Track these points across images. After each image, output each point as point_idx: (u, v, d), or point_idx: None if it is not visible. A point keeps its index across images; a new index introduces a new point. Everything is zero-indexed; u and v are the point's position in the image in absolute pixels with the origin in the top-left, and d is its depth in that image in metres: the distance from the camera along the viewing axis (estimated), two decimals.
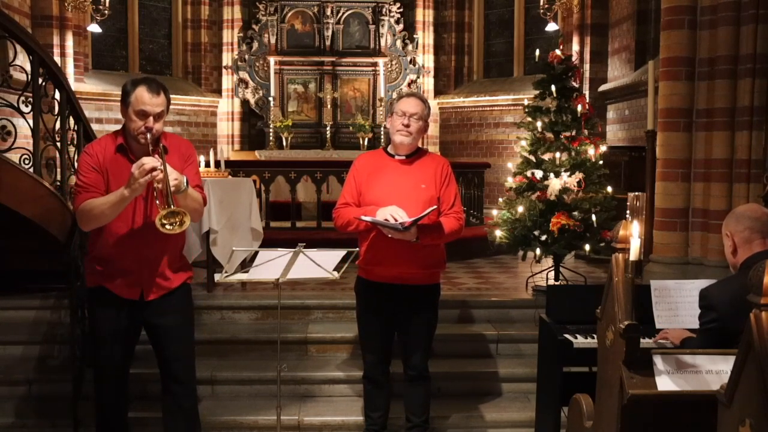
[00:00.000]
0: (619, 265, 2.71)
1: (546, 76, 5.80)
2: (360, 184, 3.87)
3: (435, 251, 3.87)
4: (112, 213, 3.26)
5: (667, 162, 5.62)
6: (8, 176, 4.56)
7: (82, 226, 3.43)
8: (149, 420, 4.11)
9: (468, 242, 7.61)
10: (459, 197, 3.98)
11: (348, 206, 3.86)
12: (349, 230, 3.82)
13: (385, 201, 3.70)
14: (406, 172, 3.84)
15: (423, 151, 3.98)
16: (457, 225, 3.84)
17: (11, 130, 4.85)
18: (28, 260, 5.44)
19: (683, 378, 2.60)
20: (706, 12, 5.38)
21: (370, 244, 3.78)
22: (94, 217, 3.28)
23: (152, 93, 3.29)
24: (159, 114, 3.31)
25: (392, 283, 3.81)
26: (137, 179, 3.13)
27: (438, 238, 3.79)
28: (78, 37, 9.70)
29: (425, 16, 11.88)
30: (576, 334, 3.71)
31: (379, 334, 3.95)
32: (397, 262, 3.75)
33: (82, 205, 3.29)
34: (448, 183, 3.89)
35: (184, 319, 3.57)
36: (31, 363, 4.87)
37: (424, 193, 3.79)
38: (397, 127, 3.82)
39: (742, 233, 3.00)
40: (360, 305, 4.03)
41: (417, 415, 4.02)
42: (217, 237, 5.45)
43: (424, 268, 3.84)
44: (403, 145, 3.84)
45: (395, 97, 4.08)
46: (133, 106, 3.28)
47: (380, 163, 3.90)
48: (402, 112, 3.81)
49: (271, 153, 10.75)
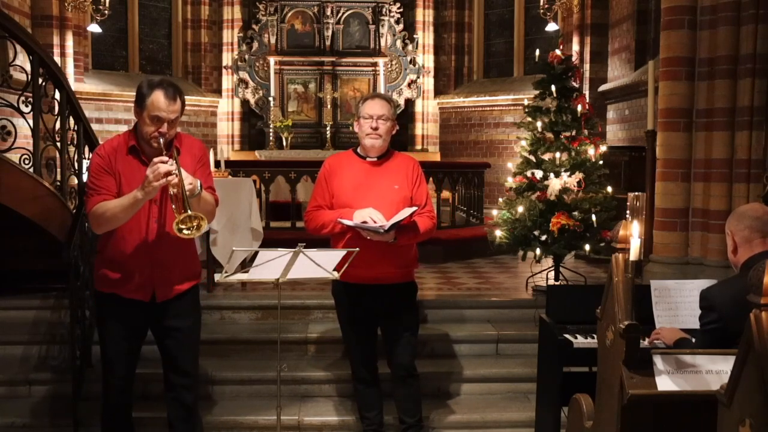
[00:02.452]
0: (619, 265, 2.71)
1: (546, 76, 5.79)
2: (332, 186, 3.87)
3: (408, 251, 3.91)
4: (125, 216, 3.25)
5: (667, 162, 5.62)
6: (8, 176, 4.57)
7: (95, 229, 3.42)
8: (149, 420, 4.11)
9: (468, 242, 7.63)
10: (430, 196, 4.00)
11: (320, 209, 3.86)
12: (323, 233, 3.84)
13: (359, 203, 3.72)
14: (379, 174, 3.85)
15: (392, 151, 3.98)
16: (431, 224, 3.87)
17: (11, 130, 4.85)
18: (28, 260, 5.45)
19: (683, 378, 2.60)
20: (706, 12, 5.38)
21: (345, 247, 3.75)
22: (106, 220, 3.27)
23: (169, 99, 3.23)
24: (174, 120, 3.29)
25: (369, 283, 3.83)
26: (151, 182, 3.11)
27: (414, 237, 3.82)
28: (78, 37, 9.70)
29: (425, 16, 11.88)
30: (576, 334, 3.71)
31: (364, 334, 3.98)
32: (373, 263, 3.76)
33: (95, 208, 3.27)
34: (419, 183, 3.91)
35: (194, 320, 3.58)
36: (31, 363, 4.87)
37: (397, 193, 3.80)
38: (366, 131, 3.82)
39: (743, 232, 3.01)
40: (339, 308, 4.05)
41: (410, 416, 4.02)
42: (217, 237, 5.45)
43: (400, 267, 3.88)
44: (374, 148, 3.85)
45: (359, 100, 4.07)
46: (148, 111, 3.23)
47: (351, 165, 3.90)
48: (368, 115, 3.80)
49: (271, 153, 10.75)
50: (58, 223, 4.95)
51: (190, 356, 3.58)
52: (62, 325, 4.98)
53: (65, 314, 4.92)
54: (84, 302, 4.71)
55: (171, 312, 3.45)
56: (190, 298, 3.52)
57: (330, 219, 3.77)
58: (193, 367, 3.61)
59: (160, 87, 3.25)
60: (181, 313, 3.47)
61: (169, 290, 3.42)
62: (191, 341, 3.56)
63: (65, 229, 4.80)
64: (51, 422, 4.46)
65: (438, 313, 5.35)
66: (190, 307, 3.54)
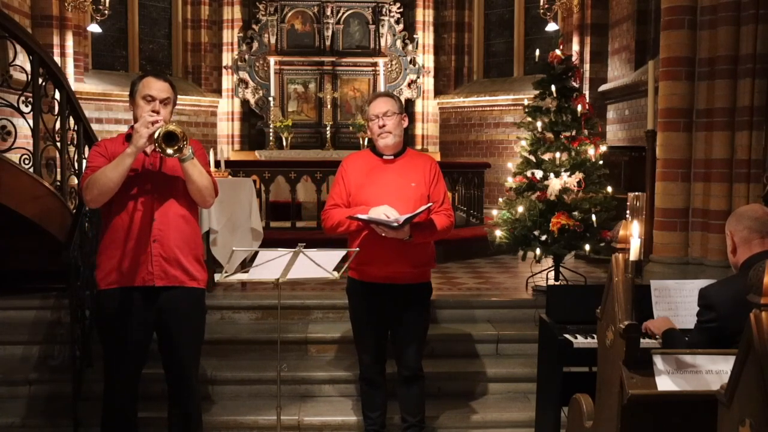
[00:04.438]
0: (619, 265, 2.71)
1: (546, 76, 5.79)
2: (349, 185, 3.87)
3: (425, 250, 3.88)
4: (115, 176, 3.24)
5: (667, 162, 5.62)
6: (8, 176, 4.57)
7: (89, 201, 3.38)
8: (151, 420, 4.10)
9: (468, 242, 7.62)
10: (448, 195, 3.99)
11: (337, 207, 3.86)
12: (339, 231, 3.83)
13: (377, 201, 3.71)
14: (395, 172, 3.85)
15: (409, 150, 4.00)
16: (448, 222, 3.85)
17: (11, 130, 4.85)
18: (28, 260, 5.45)
19: (683, 378, 2.60)
20: (706, 12, 5.38)
21: (361, 244, 3.77)
22: (98, 182, 3.27)
23: (159, 79, 3.43)
24: (165, 100, 3.39)
25: (384, 282, 3.82)
26: (138, 131, 3.20)
27: (430, 235, 3.80)
28: (78, 37, 9.70)
29: (425, 16, 11.88)
30: (576, 334, 3.70)
31: (373, 334, 3.96)
32: (389, 261, 3.76)
33: (87, 179, 3.31)
34: (437, 181, 3.89)
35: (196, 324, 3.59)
36: (31, 363, 4.87)
37: (414, 191, 3.79)
38: (375, 132, 3.84)
39: (742, 233, 3.01)
40: (352, 306, 4.05)
41: (412, 415, 4.02)
42: (217, 237, 5.45)
43: (415, 266, 3.85)
44: (388, 146, 3.85)
45: (365, 103, 4.09)
46: (140, 93, 3.39)
47: (369, 163, 3.91)
48: (374, 116, 3.82)
49: (271, 153, 10.75)
50: (58, 223, 4.96)
51: (191, 358, 3.58)
52: (62, 325, 4.98)
53: (65, 314, 4.92)
54: (84, 302, 4.71)
55: (174, 314, 3.45)
56: (194, 300, 3.53)
57: (347, 216, 3.76)
58: (194, 369, 3.61)
59: (149, 73, 3.49)
60: (184, 316, 3.48)
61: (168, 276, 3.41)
62: (193, 343, 3.57)
63: (65, 229, 4.80)
64: (51, 422, 4.46)
65: (438, 313, 5.35)
66: (191, 310, 3.53)
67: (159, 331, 3.52)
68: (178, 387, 3.56)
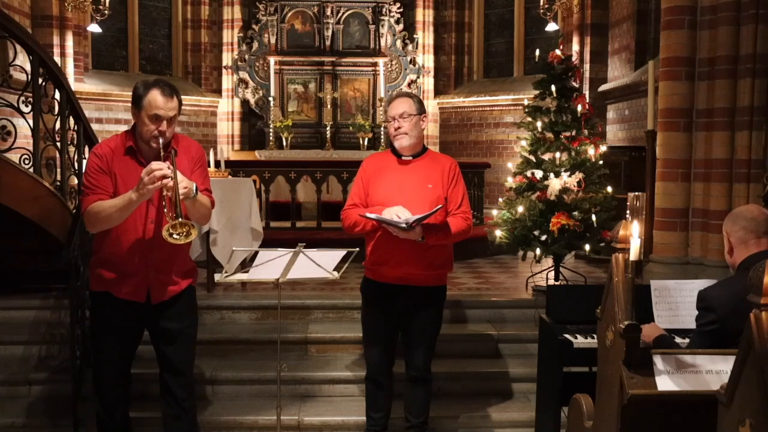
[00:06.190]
0: (619, 265, 2.71)
1: (546, 76, 5.80)
2: (367, 185, 3.86)
3: (441, 252, 3.84)
4: (119, 216, 3.24)
5: (667, 162, 5.62)
6: (8, 176, 4.57)
7: (89, 228, 3.42)
8: (149, 420, 4.10)
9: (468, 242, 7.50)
10: (467, 197, 3.95)
11: (355, 207, 3.85)
12: (356, 231, 3.82)
13: (392, 201, 3.70)
14: (412, 172, 3.83)
15: (430, 151, 3.98)
16: (465, 225, 3.80)
17: (11, 130, 4.85)
18: (28, 260, 5.45)
19: (683, 378, 2.60)
20: (706, 12, 5.38)
21: (376, 244, 3.77)
22: (101, 220, 3.26)
23: (166, 97, 3.26)
24: (172, 118, 3.29)
25: (398, 283, 3.80)
26: (146, 185, 3.11)
27: (444, 238, 3.76)
28: (78, 37, 9.70)
29: (425, 16, 11.88)
30: (576, 334, 3.71)
31: (383, 335, 3.94)
32: (403, 262, 3.74)
33: (90, 207, 3.27)
34: (455, 183, 3.86)
35: (190, 322, 3.57)
36: (31, 363, 4.87)
37: (430, 192, 3.77)
38: (392, 133, 3.83)
39: (738, 233, 3.02)
40: (365, 305, 4.04)
41: (416, 416, 4.01)
42: (217, 237, 5.45)
43: (430, 269, 3.81)
44: (404, 147, 3.84)
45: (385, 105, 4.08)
46: (146, 110, 3.25)
47: (387, 163, 3.90)
48: (391, 117, 3.82)
49: (271, 153, 10.75)
50: (58, 223, 4.95)
51: (186, 358, 3.55)
52: (62, 325, 4.98)
53: (65, 314, 4.92)
54: (84, 302, 4.71)
55: (166, 314, 3.43)
56: (185, 299, 3.50)
57: (360, 215, 3.75)
58: (188, 368, 3.59)
59: (156, 86, 3.28)
60: (176, 315, 3.46)
61: (164, 292, 3.41)
62: (187, 343, 3.54)
63: (65, 229, 4.80)
64: (51, 422, 4.46)
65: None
66: (186, 309, 3.52)
67: (152, 329, 3.50)
68: (173, 385, 3.52)
